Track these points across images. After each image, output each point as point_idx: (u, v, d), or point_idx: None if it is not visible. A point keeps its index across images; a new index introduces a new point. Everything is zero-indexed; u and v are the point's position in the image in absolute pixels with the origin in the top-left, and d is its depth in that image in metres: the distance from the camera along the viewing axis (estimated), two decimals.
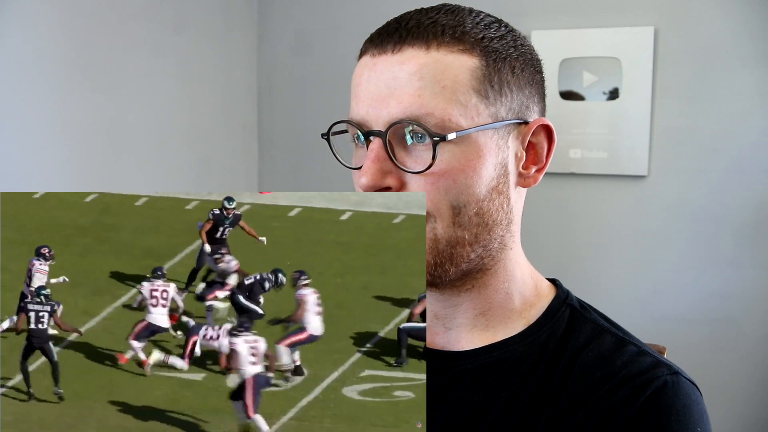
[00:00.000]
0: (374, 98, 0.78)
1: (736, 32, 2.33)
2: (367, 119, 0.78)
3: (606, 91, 2.48)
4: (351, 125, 0.80)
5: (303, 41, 2.88)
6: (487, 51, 0.78)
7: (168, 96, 2.56)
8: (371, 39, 0.80)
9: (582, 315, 0.87)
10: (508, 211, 0.82)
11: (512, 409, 0.81)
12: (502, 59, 0.79)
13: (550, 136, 0.83)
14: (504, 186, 0.81)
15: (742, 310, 2.36)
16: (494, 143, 0.79)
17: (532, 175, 0.84)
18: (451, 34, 0.77)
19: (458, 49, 0.77)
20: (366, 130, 0.78)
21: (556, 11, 2.52)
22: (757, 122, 2.32)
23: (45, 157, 2.16)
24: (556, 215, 2.53)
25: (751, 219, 2.34)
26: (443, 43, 0.77)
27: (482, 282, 0.84)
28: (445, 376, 0.85)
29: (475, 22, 0.79)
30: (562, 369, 0.81)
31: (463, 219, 0.78)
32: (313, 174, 2.88)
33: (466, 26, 0.78)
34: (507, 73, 0.79)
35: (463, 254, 0.79)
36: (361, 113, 0.79)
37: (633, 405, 0.76)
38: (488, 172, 0.79)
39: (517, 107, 0.80)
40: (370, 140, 0.78)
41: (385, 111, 0.77)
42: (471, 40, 0.78)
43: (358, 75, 0.81)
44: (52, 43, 2.14)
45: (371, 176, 0.76)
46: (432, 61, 0.76)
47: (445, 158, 0.76)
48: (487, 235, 0.81)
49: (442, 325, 0.87)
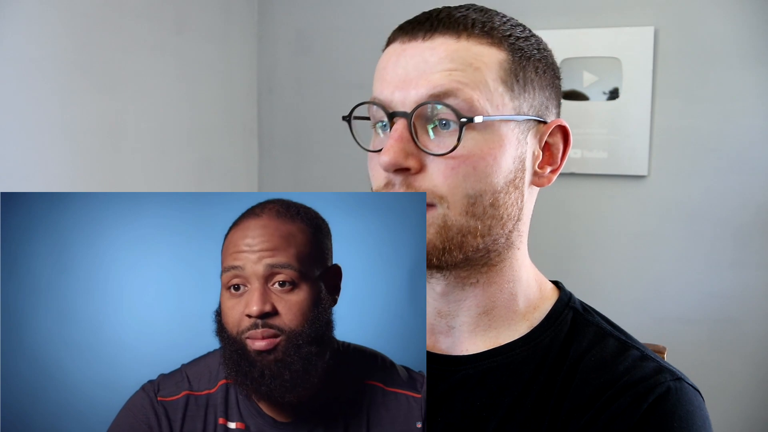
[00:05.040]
0: (402, 80, 0.78)
1: (736, 32, 2.33)
2: (392, 100, 0.79)
3: (606, 91, 2.48)
4: (375, 105, 0.80)
5: (303, 41, 2.88)
6: (514, 48, 0.80)
7: (168, 96, 2.56)
8: (401, 28, 0.82)
9: (585, 318, 0.87)
10: (521, 208, 0.83)
11: (515, 415, 0.81)
12: (527, 58, 0.81)
13: (566, 138, 0.85)
14: (520, 181, 0.82)
15: (743, 311, 2.36)
16: (515, 137, 0.80)
17: (546, 175, 0.85)
18: (480, 28, 0.79)
19: (487, 41, 0.79)
20: (391, 111, 0.79)
21: (556, 11, 2.52)
22: (757, 122, 2.32)
23: (45, 156, 2.16)
24: (555, 215, 2.53)
25: (751, 219, 2.34)
26: (473, 35, 0.78)
27: (487, 278, 0.84)
28: (448, 381, 0.85)
29: (503, 21, 0.82)
30: (565, 374, 0.81)
31: (478, 209, 0.78)
32: (313, 174, 2.88)
33: (494, 23, 0.80)
34: (531, 72, 0.81)
35: (473, 243, 0.79)
36: (386, 94, 0.79)
37: (636, 411, 0.76)
38: (507, 164, 0.79)
39: (537, 106, 0.82)
40: (394, 122, 0.78)
41: (413, 92, 0.77)
42: (499, 35, 0.80)
43: (386, 60, 0.81)
44: (52, 43, 2.14)
45: (393, 154, 0.76)
46: (463, 48, 0.78)
47: (468, 144, 0.77)
48: (500, 228, 0.81)
49: (445, 324, 0.87)
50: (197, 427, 0.86)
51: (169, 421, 0.86)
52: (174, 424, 0.86)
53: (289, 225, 0.82)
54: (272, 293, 0.80)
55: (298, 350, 0.80)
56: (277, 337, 0.80)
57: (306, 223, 0.83)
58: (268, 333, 0.79)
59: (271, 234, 0.81)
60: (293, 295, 0.80)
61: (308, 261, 0.82)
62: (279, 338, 0.80)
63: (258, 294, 0.79)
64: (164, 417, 0.86)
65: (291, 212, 0.83)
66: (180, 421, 0.86)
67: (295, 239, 0.81)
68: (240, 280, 0.80)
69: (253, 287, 0.80)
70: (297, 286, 0.81)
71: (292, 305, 0.80)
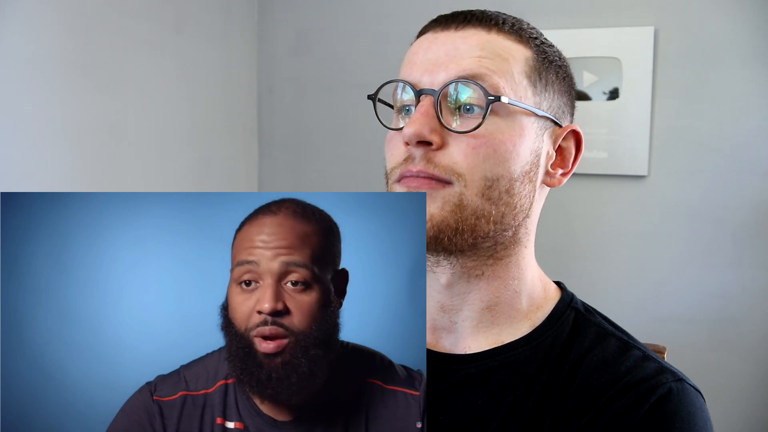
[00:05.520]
0: (432, 63, 0.80)
1: (736, 32, 2.33)
2: (420, 81, 0.81)
3: (606, 91, 2.48)
4: (402, 84, 0.82)
5: (303, 41, 2.88)
6: (539, 50, 0.83)
7: (168, 96, 2.56)
8: (435, 20, 0.85)
9: (586, 318, 0.87)
10: (531, 202, 0.85)
11: (516, 415, 0.81)
12: (550, 61, 0.84)
13: (579, 144, 0.89)
14: (534, 175, 0.83)
15: (743, 310, 2.36)
16: (533, 130, 0.82)
17: (557, 177, 0.87)
18: (510, 26, 0.83)
19: (515, 38, 0.82)
20: (418, 89, 0.80)
21: (556, 11, 2.52)
22: (757, 122, 2.32)
23: (45, 156, 2.16)
24: (555, 215, 2.53)
25: (751, 219, 2.34)
26: (503, 31, 0.82)
27: (493, 271, 0.84)
28: (449, 380, 0.85)
29: (530, 26, 0.86)
30: (566, 374, 0.81)
31: (494, 193, 0.79)
32: (313, 174, 2.88)
33: (522, 25, 0.84)
34: (552, 75, 0.84)
35: (484, 228, 0.80)
36: (415, 75, 0.81)
37: (637, 412, 0.76)
38: (525, 155, 0.81)
39: (555, 108, 0.85)
40: (420, 99, 0.80)
41: (443, 74, 0.79)
42: (527, 36, 0.83)
43: (417, 46, 0.84)
44: (52, 43, 2.14)
45: (419, 125, 0.77)
46: (493, 40, 0.81)
47: (490, 127, 0.79)
48: (511, 218, 0.82)
49: (448, 319, 0.87)
50: (194, 426, 0.85)
51: (164, 420, 0.86)
52: (169, 423, 0.86)
53: (304, 225, 0.82)
54: (285, 292, 0.80)
55: (306, 353, 0.80)
56: (285, 338, 0.79)
57: (320, 225, 0.84)
58: (277, 332, 0.79)
59: (287, 232, 0.81)
60: (305, 295, 0.80)
61: (322, 262, 0.82)
62: (287, 340, 0.79)
63: (271, 291, 0.79)
64: (159, 416, 0.86)
65: (307, 213, 0.84)
66: (176, 421, 0.86)
67: (310, 240, 0.82)
68: (252, 275, 0.80)
69: (265, 284, 0.80)
70: (309, 287, 0.80)
71: (304, 305, 0.80)
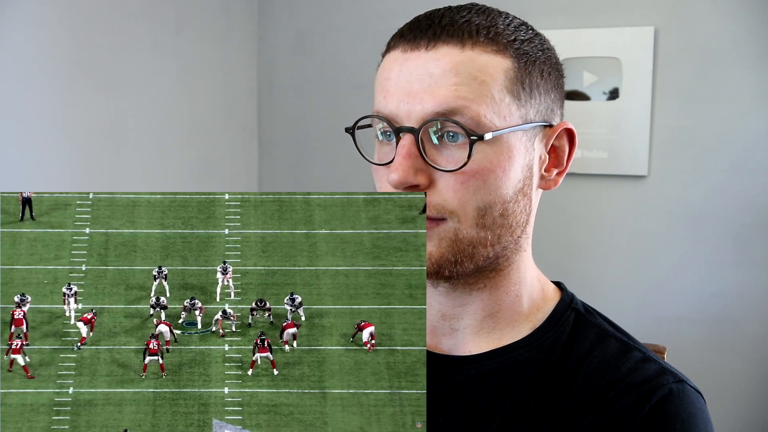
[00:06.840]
0: (406, 93, 0.76)
1: (736, 32, 2.33)
2: (397, 114, 0.77)
3: (606, 91, 2.48)
4: (379, 119, 0.79)
5: (303, 41, 2.88)
6: (519, 53, 0.79)
7: (168, 96, 2.56)
8: (401, 34, 0.80)
9: (587, 319, 0.87)
10: (528, 213, 0.83)
11: (517, 416, 0.81)
12: (532, 62, 0.80)
13: (572, 140, 0.84)
14: (528, 188, 0.81)
15: (743, 311, 2.36)
16: (523, 145, 0.79)
17: (553, 178, 0.84)
18: (485, 35, 0.77)
19: (492, 49, 0.77)
20: (397, 125, 0.77)
21: (556, 11, 2.52)
22: (757, 122, 2.32)
23: (45, 157, 2.15)
24: (555, 215, 2.53)
25: (751, 219, 2.34)
26: (478, 43, 0.77)
27: (494, 282, 0.84)
28: (450, 381, 0.85)
29: (506, 23, 0.80)
30: (567, 375, 0.81)
31: (488, 220, 0.78)
32: (313, 174, 2.88)
33: (498, 27, 0.78)
34: (537, 76, 0.80)
35: (483, 253, 0.79)
36: (391, 108, 0.78)
37: (638, 413, 0.76)
38: (516, 174, 0.79)
39: (543, 110, 0.81)
40: (400, 137, 0.77)
41: (419, 106, 0.76)
42: (504, 41, 0.78)
43: (387, 69, 0.79)
44: (52, 43, 2.14)
45: (403, 173, 0.75)
46: (467, 59, 0.76)
47: (478, 158, 0.76)
48: (509, 236, 0.81)
49: (448, 326, 0.87)
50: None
51: None
52: None
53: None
54: None
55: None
56: None
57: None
58: None
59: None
60: None
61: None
62: None
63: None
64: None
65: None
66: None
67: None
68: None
69: None
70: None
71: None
